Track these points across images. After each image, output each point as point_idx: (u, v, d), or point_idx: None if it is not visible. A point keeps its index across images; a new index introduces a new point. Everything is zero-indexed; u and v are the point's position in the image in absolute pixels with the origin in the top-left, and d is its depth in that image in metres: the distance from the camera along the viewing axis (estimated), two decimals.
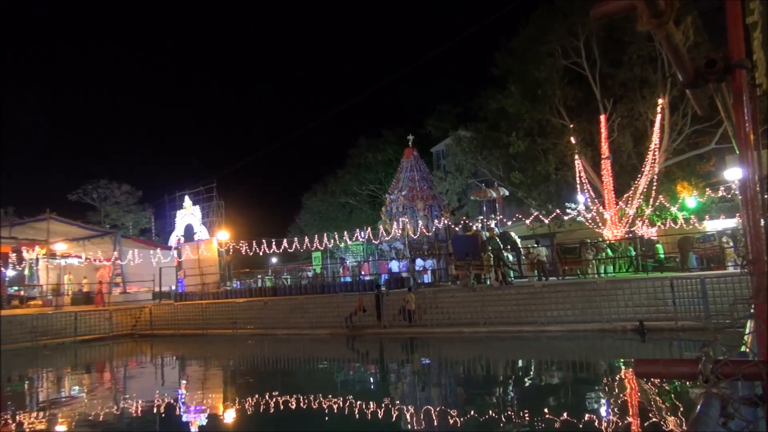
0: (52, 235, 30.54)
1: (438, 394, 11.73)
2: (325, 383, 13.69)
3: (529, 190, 29.75)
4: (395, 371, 15.41)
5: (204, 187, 36.05)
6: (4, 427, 10.28)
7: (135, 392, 13.89)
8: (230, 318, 24.13)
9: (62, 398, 13.64)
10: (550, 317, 17.71)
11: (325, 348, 19.74)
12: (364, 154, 48.77)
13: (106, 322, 25.02)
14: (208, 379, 15.54)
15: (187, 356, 20.62)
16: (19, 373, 17.98)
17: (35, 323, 23.02)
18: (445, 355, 17.13)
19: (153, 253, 32.65)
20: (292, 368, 17.25)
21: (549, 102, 27.42)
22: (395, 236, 29.30)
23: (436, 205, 31.72)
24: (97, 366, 19.57)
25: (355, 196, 49.15)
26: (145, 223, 51.47)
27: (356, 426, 8.87)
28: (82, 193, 49.23)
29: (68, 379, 16.64)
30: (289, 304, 23.97)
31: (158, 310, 27.12)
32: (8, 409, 12.32)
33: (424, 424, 8.79)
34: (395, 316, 20.19)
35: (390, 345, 19.03)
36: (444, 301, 20.48)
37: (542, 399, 10.17)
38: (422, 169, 33.25)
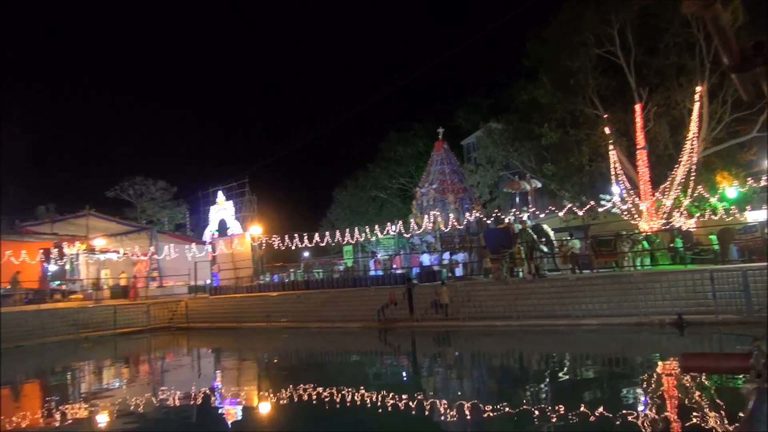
0: (91, 231, 31.36)
1: (471, 387, 11.67)
2: (358, 376, 13.75)
3: (562, 182, 29.31)
4: (427, 364, 15.39)
5: (236, 183, 36.55)
6: (49, 416, 10.61)
7: (173, 384, 14.18)
8: (264, 311, 24.44)
9: (103, 389, 14.02)
10: (585, 310, 17.45)
11: (358, 341, 19.83)
12: (394, 148, 48.71)
13: (144, 316, 25.63)
14: (243, 372, 15.77)
15: (222, 349, 20.96)
16: (62, 365, 18.55)
17: (77, 316, 23.71)
18: (478, 348, 17.04)
19: (188, 247, 33.26)
20: (325, 361, 17.38)
21: (582, 92, 26.92)
22: (426, 229, 29.20)
23: (467, 197, 31.50)
24: (136, 358, 20.06)
25: (386, 189, 49.16)
26: (180, 219, 52.42)
27: (389, 419, 8.89)
28: (119, 190, 50.44)
29: (108, 371, 17.10)
30: (321, 297, 24.17)
31: (194, 304, 27.64)
32: (52, 399, 12.74)
33: (456, 418, 8.75)
34: (427, 310, 20.15)
35: (422, 338, 19.02)
36: (476, 295, 20.35)
37: (577, 393, 10.02)
38: (453, 162, 33.04)
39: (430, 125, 41.87)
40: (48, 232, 32.16)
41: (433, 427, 8.53)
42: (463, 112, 46.07)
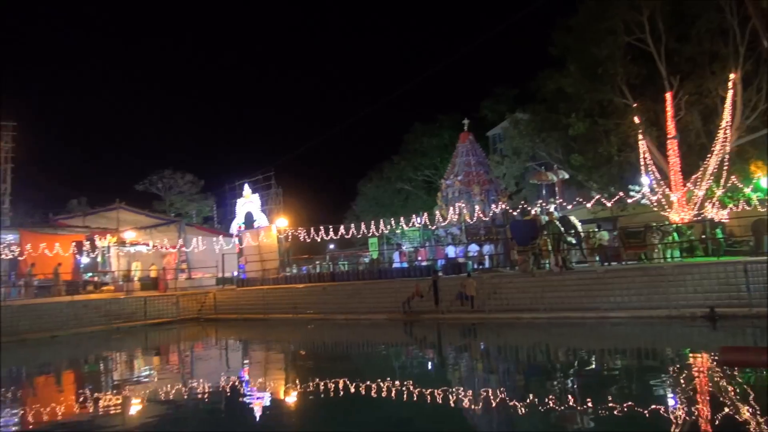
0: (121, 223, 31.97)
1: (497, 380, 11.61)
2: (384, 368, 13.79)
3: (590, 173, 28.88)
4: (453, 356, 15.36)
5: (262, 176, 36.87)
6: (83, 404, 10.89)
7: (202, 374, 14.42)
8: (290, 303, 24.66)
9: (134, 378, 14.32)
10: (613, 303, 17.21)
11: (383, 333, 19.89)
12: (419, 140, 48.50)
13: (173, 307, 26.08)
14: (271, 362, 15.94)
15: (250, 340, 21.23)
16: (95, 355, 19.01)
17: (108, 307, 24.24)
18: (504, 341, 16.94)
19: (215, 240, 33.67)
20: (352, 352, 17.48)
21: (610, 81, 26.42)
22: (452, 221, 29.07)
23: (493, 189, 31.24)
24: (166, 348, 20.44)
25: (411, 181, 49.03)
26: (208, 212, 53.10)
27: (415, 411, 8.90)
28: (148, 183, 51.32)
29: (140, 361, 17.46)
30: (347, 289, 24.28)
31: (222, 295, 28.03)
32: (86, 387, 13.06)
33: (483, 411, 8.72)
34: (452, 302, 20.10)
35: (448, 330, 18.99)
36: (502, 287, 20.23)
37: (606, 387, 9.90)
38: (478, 154, 32.77)
39: (455, 116, 41.54)
40: (80, 225, 32.89)
41: (459, 420, 8.51)
42: (489, 102, 45.62)
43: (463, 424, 8.32)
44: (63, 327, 22.00)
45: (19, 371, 16.51)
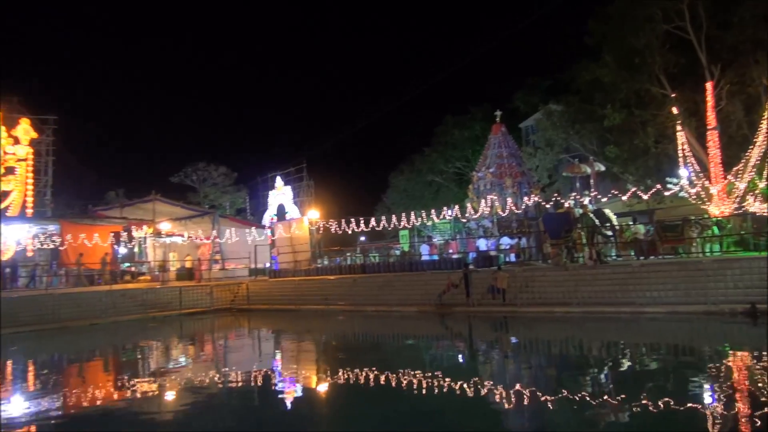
0: (157, 215, 32.62)
1: (529, 374, 11.49)
2: (414, 360, 13.79)
3: (625, 165, 28.27)
4: (484, 350, 15.27)
5: (294, 168, 37.16)
6: (120, 390, 11.18)
7: (235, 363, 14.66)
8: (322, 294, 24.84)
9: (169, 366, 14.65)
10: (649, 298, 16.85)
11: (414, 325, 19.89)
12: (450, 132, 48.22)
13: (207, 297, 26.55)
14: (302, 353, 16.11)
15: (281, 330, 21.48)
16: (132, 343, 19.51)
17: (145, 297, 24.82)
18: (536, 335, 16.75)
19: (248, 231, 34.11)
20: (382, 344, 17.52)
21: (648, 70, 25.76)
22: (483, 214, 28.84)
23: (525, 182, 30.89)
24: (201, 337, 20.83)
25: (442, 174, 48.82)
26: (241, 203, 53.83)
27: (445, 403, 8.88)
28: (183, 176, 52.26)
29: (175, 349, 17.84)
30: (377, 281, 24.34)
31: (254, 286, 28.41)
32: (123, 374, 13.42)
33: (514, 405, 8.64)
34: (484, 295, 19.96)
35: (479, 323, 18.88)
36: (535, 280, 20.02)
37: (641, 384, 9.71)
38: (511, 146, 32.41)
39: (487, 108, 41.21)
40: (118, 217, 33.68)
41: (490, 414, 8.45)
42: (521, 94, 45.03)
43: (493, 419, 8.25)
44: (102, 315, 22.61)
45: (61, 357, 17.06)
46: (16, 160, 35.09)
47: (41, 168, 36.27)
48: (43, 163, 36.41)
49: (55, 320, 21.31)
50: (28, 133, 35.46)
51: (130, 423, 8.68)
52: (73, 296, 23.41)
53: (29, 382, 12.91)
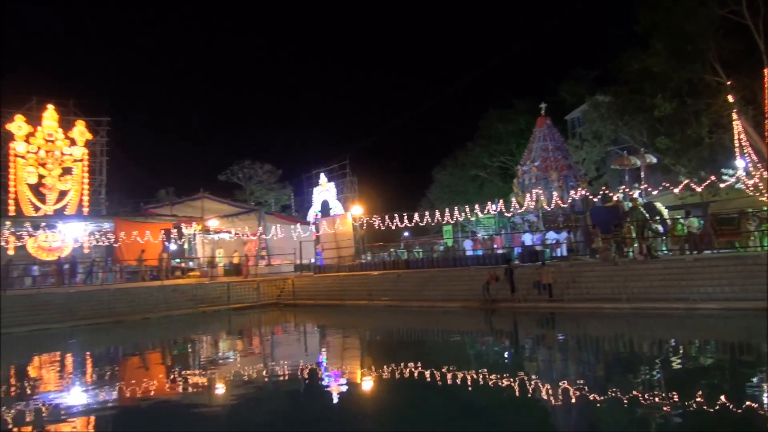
0: (206, 212, 33.45)
1: (576, 371, 11.26)
2: (459, 355, 13.73)
3: (677, 156, 27.30)
4: (530, 346, 15.05)
5: (338, 164, 37.41)
6: (173, 381, 11.53)
7: (281, 356, 14.91)
8: (366, 290, 24.97)
9: (219, 359, 15.01)
10: (703, 293, 16.25)
11: (458, 321, 19.78)
12: (494, 126, 47.60)
13: (254, 292, 27.09)
14: (347, 347, 16.24)
15: (327, 325, 21.71)
16: (183, 336, 20.09)
17: (195, 292, 25.51)
18: (584, 331, 16.41)
19: (293, 228, 34.57)
20: (426, 339, 17.50)
21: (701, 58, 24.76)
22: (528, 208, 28.39)
23: (571, 175, 30.21)
24: (248, 331, 21.27)
25: (486, 168, 48.29)
26: (286, 200, 54.55)
27: (491, 400, 8.80)
28: (230, 174, 53.35)
29: (224, 343, 18.28)
30: (421, 276, 24.29)
31: (299, 282, 28.80)
32: (175, 367, 13.83)
33: (561, 402, 8.49)
34: (529, 290, 19.68)
35: (524, 319, 18.63)
36: (582, 275, 19.60)
37: (696, 382, 9.39)
38: (556, 138, 31.74)
39: (532, 101, 40.38)
40: (168, 214, 34.70)
41: (537, 412, 8.32)
42: (567, 85, 43.98)
43: (540, 417, 8.13)
44: (154, 310, 23.37)
45: (116, 350, 17.72)
46: (73, 160, 36.61)
47: (96, 168, 37.68)
48: (98, 163, 37.82)
49: (110, 314, 22.16)
50: (84, 135, 36.93)
51: (181, 414, 8.94)
52: (127, 291, 24.26)
53: (87, 373, 13.46)
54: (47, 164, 35.73)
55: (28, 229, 30.35)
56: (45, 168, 35.64)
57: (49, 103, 36.13)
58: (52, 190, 35.74)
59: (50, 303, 21.79)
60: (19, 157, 34.85)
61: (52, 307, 21.50)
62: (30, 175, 35.00)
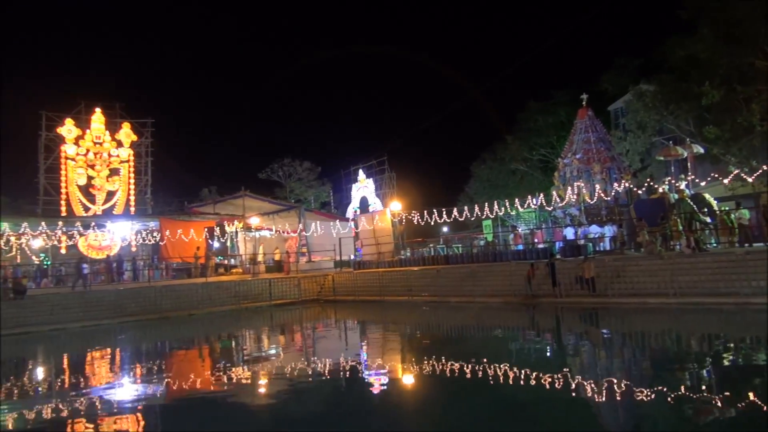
0: (247, 210, 34.07)
1: (621, 367, 11.01)
2: (501, 351, 13.60)
3: (727, 146, 26.34)
4: (573, 342, 14.78)
5: (376, 161, 37.53)
6: (218, 376, 11.79)
7: (323, 352, 15.07)
8: (405, 285, 25.00)
9: (262, 354, 15.27)
10: (755, 288, 15.64)
11: (499, 316, 19.59)
12: (533, 118, 46.88)
13: (295, 289, 27.44)
14: (388, 342, 16.29)
15: (367, 320, 21.83)
16: (227, 332, 20.53)
17: (237, 289, 26.01)
18: (629, 327, 16.01)
19: (333, 224, 34.88)
20: (467, 335, 17.39)
21: (751, 43, 23.78)
22: (570, 202, 27.89)
23: (615, 167, 29.53)
24: (290, 327, 21.57)
25: (526, 161, 47.61)
26: (325, 197, 55.09)
27: (533, 396, 8.69)
28: (270, 172, 54.20)
29: (267, 338, 18.58)
30: (461, 272, 24.16)
31: (339, 278, 29.03)
32: (220, 362, 14.14)
33: (607, 400, 8.32)
34: (572, 285, 19.34)
35: (567, 314, 18.32)
36: (627, 270, 19.14)
37: (746, 380, 9.06)
38: (598, 130, 31.07)
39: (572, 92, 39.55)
40: (211, 212, 35.51)
41: (580, 409, 8.18)
42: (609, 75, 42.89)
43: (583, 414, 7.97)
44: (198, 306, 23.96)
45: (163, 345, 18.24)
46: (120, 162, 37.85)
47: (141, 168, 38.86)
48: (143, 164, 38.98)
49: (157, 311, 22.83)
50: (129, 137, 38.14)
51: (227, 407, 9.14)
52: (173, 288, 24.91)
53: (137, 368, 13.90)
54: (95, 166, 37.07)
55: (78, 228, 31.49)
56: (93, 169, 36.99)
57: (97, 107, 37.45)
58: (100, 190, 37.05)
59: (101, 300, 22.57)
60: (69, 160, 36.25)
61: (102, 304, 22.28)
62: (80, 176, 36.39)
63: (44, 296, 22.23)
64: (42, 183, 35.83)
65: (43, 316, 20.62)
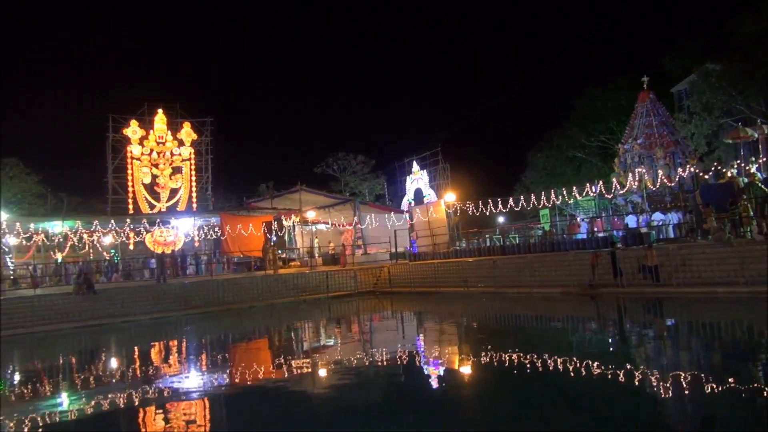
0: (303, 204, 34.63)
1: (688, 359, 10.63)
2: (560, 343, 13.37)
3: None
4: (637, 333, 14.36)
5: (429, 152, 37.38)
6: (279, 366, 12.11)
7: (380, 343, 15.22)
8: (461, 276, 24.87)
9: (321, 345, 15.58)
10: None
11: (558, 307, 19.24)
12: (591, 104, 45.45)
13: (351, 281, 27.78)
14: (444, 334, 16.28)
15: (424, 312, 21.86)
16: (287, 323, 21.03)
17: (296, 281, 26.56)
18: (696, 317, 15.42)
19: (387, 216, 35.01)
20: (526, 326, 17.18)
21: None
22: (631, 189, 26.99)
23: (679, 151, 28.36)
24: (347, 319, 21.87)
25: (584, 148, 46.29)
26: (379, 190, 55.33)
27: (596, 389, 8.51)
28: (324, 166, 54.89)
29: (325, 329, 18.93)
30: (517, 262, 23.82)
31: (395, 270, 29.17)
32: (281, 352, 14.51)
33: (672, 393, 8.05)
34: (634, 275, 18.76)
35: (629, 305, 17.80)
36: (693, 258, 18.39)
37: None
38: (661, 113, 29.88)
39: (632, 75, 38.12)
40: (269, 207, 36.30)
41: (644, 402, 7.96)
42: (671, 56, 41.07)
43: (648, 407, 7.76)
44: (259, 298, 24.63)
45: (227, 336, 18.87)
46: (182, 160, 39.28)
47: (202, 166, 40.15)
48: (203, 162, 40.27)
49: (220, 303, 23.62)
50: (190, 135, 39.50)
51: (289, 396, 9.40)
52: (234, 282, 25.67)
53: (203, 357, 14.47)
54: (159, 165, 38.62)
55: (145, 225, 32.87)
56: (157, 168, 38.56)
57: (159, 108, 38.94)
58: (164, 188, 38.58)
59: (168, 293, 23.53)
60: (135, 159, 37.92)
61: (169, 297, 23.23)
62: (145, 175, 38.04)
63: (115, 290, 23.37)
64: (110, 183, 37.64)
65: (115, 309, 21.71)
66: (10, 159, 41.57)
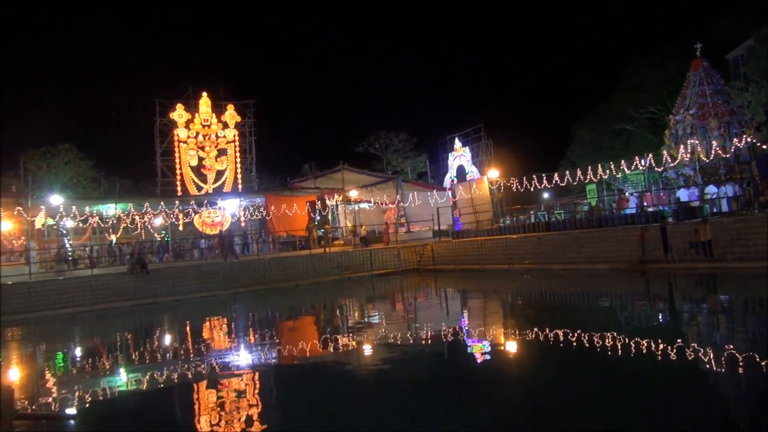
0: (346, 183, 34.85)
1: (743, 337, 10.28)
2: (609, 320, 13.14)
3: None
4: (689, 310, 13.96)
5: (472, 129, 36.88)
6: (325, 343, 12.34)
7: (425, 320, 15.29)
8: (505, 253, 24.64)
9: (366, 322, 15.76)
10: None
11: (606, 283, 18.88)
12: (639, 74, 43.79)
13: (395, 259, 27.90)
14: (490, 311, 16.23)
15: (468, 289, 21.81)
16: (332, 301, 21.34)
17: (340, 260, 26.85)
18: (753, 293, 14.85)
19: (430, 194, 34.91)
20: (572, 303, 16.92)
21: None
22: (683, 161, 26.04)
23: (735, 121, 27.12)
24: (392, 296, 22.03)
25: (632, 121, 44.76)
26: (421, 167, 55.05)
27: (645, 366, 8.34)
28: (366, 144, 54.92)
29: (369, 307, 19.12)
30: (563, 239, 23.42)
31: (438, 247, 29.12)
32: (327, 329, 14.76)
33: (724, 371, 7.82)
34: (686, 250, 18.19)
35: (680, 281, 17.31)
36: (749, 232, 17.67)
37: None
38: (715, 81, 28.56)
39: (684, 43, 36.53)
40: (312, 187, 36.71)
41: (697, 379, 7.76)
42: (725, 20, 39.06)
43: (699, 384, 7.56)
44: (304, 277, 25.05)
45: (274, 313, 19.31)
46: (226, 142, 40.00)
47: (246, 148, 40.80)
48: (247, 143, 40.90)
49: (266, 282, 24.14)
50: (234, 118, 40.13)
51: (334, 373, 9.57)
52: (280, 260, 26.15)
53: (251, 334, 14.87)
54: (205, 147, 39.45)
55: (193, 206, 33.76)
56: (203, 151, 39.40)
57: (203, 91, 39.63)
58: (210, 170, 39.43)
59: (216, 272, 24.17)
60: (181, 143, 38.83)
61: (217, 276, 23.86)
62: (192, 158, 38.94)
63: (166, 270, 24.15)
64: (159, 166, 38.70)
65: (167, 287, 22.47)
66: (65, 145, 43.22)
